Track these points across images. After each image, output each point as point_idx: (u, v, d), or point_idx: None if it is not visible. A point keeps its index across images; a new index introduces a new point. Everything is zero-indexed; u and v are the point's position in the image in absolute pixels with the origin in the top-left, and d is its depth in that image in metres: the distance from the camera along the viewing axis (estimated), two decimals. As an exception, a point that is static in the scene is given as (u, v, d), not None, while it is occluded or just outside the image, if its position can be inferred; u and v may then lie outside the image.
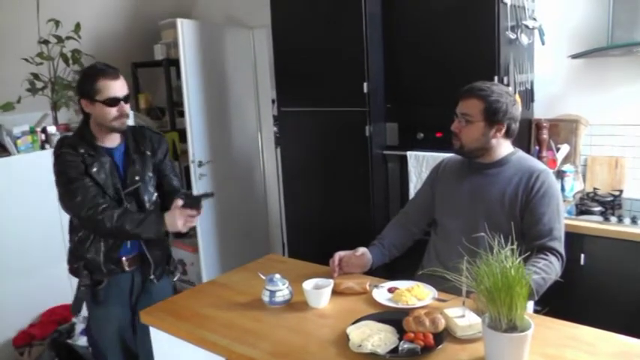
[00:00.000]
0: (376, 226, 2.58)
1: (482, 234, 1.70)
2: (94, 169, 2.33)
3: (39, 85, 3.47)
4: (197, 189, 4.23)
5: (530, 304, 2.42)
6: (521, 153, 2.36)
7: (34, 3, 3.48)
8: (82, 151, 2.33)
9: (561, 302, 2.79)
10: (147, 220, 2.31)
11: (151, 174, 2.50)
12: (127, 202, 2.40)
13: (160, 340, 2.12)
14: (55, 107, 3.57)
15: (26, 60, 3.40)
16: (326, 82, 3.49)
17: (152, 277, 2.53)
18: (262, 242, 4.95)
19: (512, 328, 1.55)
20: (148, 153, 2.51)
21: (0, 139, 3.34)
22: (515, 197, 2.24)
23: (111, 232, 2.32)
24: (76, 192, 2.30)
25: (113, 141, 2.43)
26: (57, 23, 3.48)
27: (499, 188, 2.27)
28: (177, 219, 2.29)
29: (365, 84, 3.29)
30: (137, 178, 2.44)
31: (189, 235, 4.76)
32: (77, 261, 2.45)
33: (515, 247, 1.57)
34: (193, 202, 2.30)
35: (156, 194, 2.53)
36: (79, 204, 2.29)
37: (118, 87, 2.32)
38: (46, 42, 3.48)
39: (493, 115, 2.24)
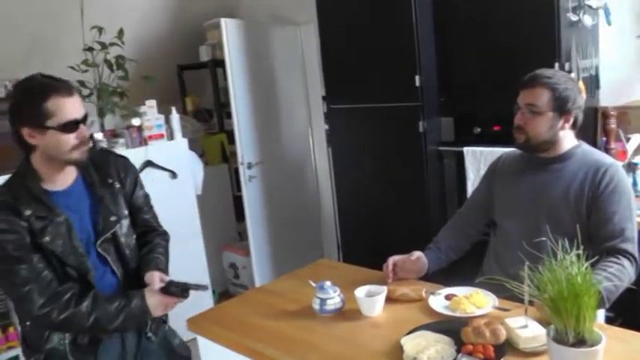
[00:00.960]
0: (432, 227, 2.51)
1: (546, 236, 1.60)
2: (47, 238, 1.84)
3: (85, 92, 3.52)
4: (247, 191, 4.23)
5: (602, 313, 2.30)
6: (585, 146, 2.25)
7: (79, 11, 3.54)
8: (26, 213, 1.81)
9: (636, 309, 2.66)
10: (126, 311, 1.88)
11: (126, 211, 2.07)
12: (105, 252, 1.99)
13: (207, 349, 2.10)
14: (101, 114, 3.63)
15: (72, 68, 3.45)
16: (376, 76, 3.44)
17: (149, 334, 2.10)
18: (316, 245, 4.92)
19: (581, 341, 1.46)
20: (117, 185, 2.06)
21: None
22: (581, 194, 2.13)
23: (81, 332, 1.92)
24: (20, 281, 1.79)
25: (66, 179, 1.95)
26: (100, 30, 3.53)
27: (563, 185, 2.17)
28: (159, 307, 1.94)
29: (417, 77, 3.22)
30: (113, 218, 2.01)
31: (242, 238, 4.78)
32: (33, 354, 1.96)
33: (581, 250, 1.48)
34: (182, 292, 1.96)
35: (134, 236, 2.11)
36: (27, 298, 1.79)
37: (76, 105, 1.84)
38: (90, 49, 3.53)
39: (563, 105, 2.14)
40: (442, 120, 3.35)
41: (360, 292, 2.04)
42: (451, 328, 1.78)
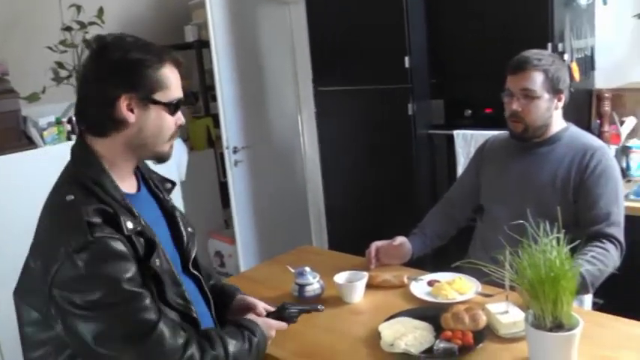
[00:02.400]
0: (422, 211, 2.53)
1: (529, 221, 1.61)
2: (157, 262, 1.44)
3: (63, 74, 3.51)
4: (232, 177, 4.23)
5: (589, 298, 2.33)
6: (574, 128, 2.27)
7: (56, -12, 3.52)
8: (129, 226, 1.38)
9: (625, 295, 2.69)
10: (255, 345, 1.55)
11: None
12: (198, 273, 1.69)
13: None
14: (80, 96, 3.61)
15: (50, 48, 3.44)
16: (365, 58, 3.45)
17: None
18: (303, 231, 4.93)
19: (558, 326, 1.48)
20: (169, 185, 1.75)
21: (26, 131, 3.40)
22: (567, 178, 2.15)
23: None
24: (148, 323, 1.35)
25: (133, 180, 1.57)
26: (78, 8, 3.51)
27: (550, 169, 2.19)
28: (271, 333, 1.67)
29: (406, 58, 3.23)
30: (191, 230, 1.71)
31: (228, 225, 4.80)
32: None
33: (562, 234, 1.50)
34: (296, 317, 1.74)
35: None
36: (160, 346, 1.35)
37: (180, 82, 1.52)
38: (68, 29, 3.51)
39: (556, 85, 2.17)
40: (432, 102, 3.37)
41: (340, 278, 2.06)
42: (431, 314, 1.80)
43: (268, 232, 4.53)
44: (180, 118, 1.52)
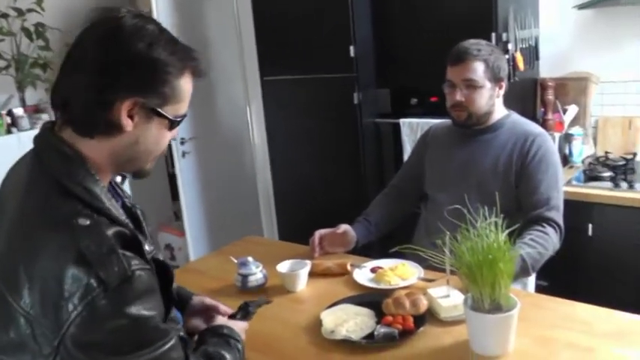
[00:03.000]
0: (370, 199, 2.54)
1: (469, 206, 1.63)
2: (174, 286, 1.40)
3: (1, 64, 3.41)
4: (181, 168, 4.18)
5: (532, 281, 2.37)
6: (515, 116, 2.31)
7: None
8: (147, 249, 1.20)
9: (567, 276, 2.76)
10: (242, 350, 1.47)
11: None
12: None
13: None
14: (20, 87, 3.51)
15: (-15, 37, 3.35)
16: (310, 47, 3.44)
17: None
18: (254, 222, 4.90)
19: (497, 308, 1.51)
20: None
21: (-37, 123, 3.30)
22: (509, 165, 2.19)
23: None
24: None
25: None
26: (15, -6, 3.42)
27: (492, 156, 2.22)
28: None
29: (352, 47, 3.22)
30: (150, 228, 1.50)
31: (178, 218, 4.74)
32: None
33: (500, 219, 1.52)
34: (248, 315, 1.70)
35: None
36: None
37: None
38: (5, 15, 3.41)
39: (496, 74, 2.20)
40: (379, 91, 3.38)
41: (283, 267, 2.05)
42: (374, 300, 1.81)
43: (218, 223, 4.50)
44: (174, 132, 1.28)
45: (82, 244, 1.05)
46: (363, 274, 2.05)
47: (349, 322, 1.69)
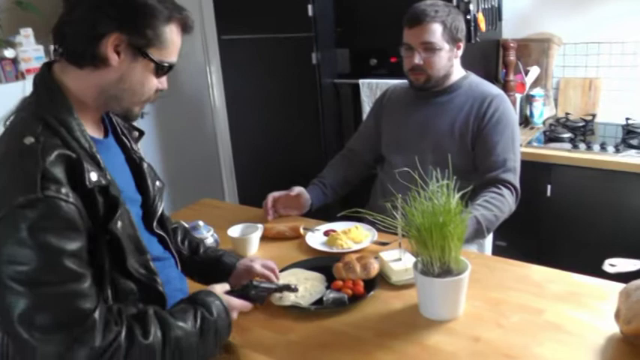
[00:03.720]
0: (327, 159, 2.51)
1: (424, 169, 1.59)
2: (119, 224, 1.28)
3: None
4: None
5: (489, 241, 2.37)
6: (473, 77, 2.28)
7: None
8: (92, 179, 1.22)
9: (526, 237, 2.78)
10: (214, 329, 1.34)
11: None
12: (164, 233, 1.56)
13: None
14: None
15: None
16: (268, 6, 3.36)
17: None
18: (215, 187, 4.85)
19: (447, 272, 1.49)
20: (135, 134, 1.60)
21: None
22: (466, 126, 2.17)
23: None
24: (84, 309, 1.16)
25: (99, 127, 1.42)
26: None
27: (449, 117, 2.20)
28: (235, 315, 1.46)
29: (309, 6, 3.14)
30: (159, 184, 1.58)
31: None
32: None
33: (453, 181, 1.49)
34: (259, 297, 1.52)
35: None
36: (86, 339, 1.14)
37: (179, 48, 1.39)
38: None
39: (454, 35, 2.16)
40: (338, 52, 3.30)
41: (234, 231, 2.02)
42: (325, 264, 1.78)
43: (179, 186, 4.43)
44: (163, 82, 1.37)
45: (16, 166, 1.16)
46: (316, 237, 2.03)
47: (299, 286, 1.65)
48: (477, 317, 1.51)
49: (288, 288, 1.58)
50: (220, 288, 1.45)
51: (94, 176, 1.22)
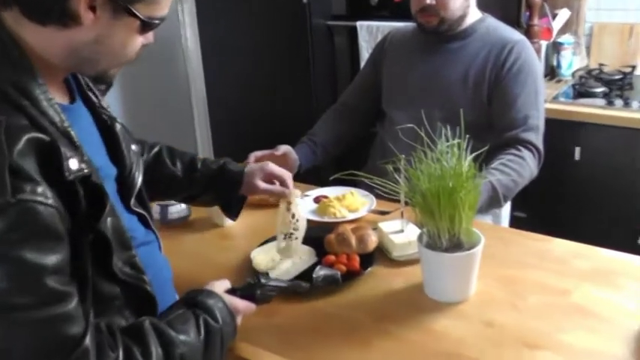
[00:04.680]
0: (319, 115, 2.51)
1: (436, 126, 1.58)
2: (108, 222, 1.18)
3: None
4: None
5: (506, 212, 2.38)
6: (491, 20, 2.28)
7: None
8: (72, 167, 1.09)
9: (549, 207, 2.79)
10: (220, 335, 1.29)
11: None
12: (143, 209, 1.46)
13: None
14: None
15: None
16: None
17: None
18: (188, 141, 4.84)
19: (456, 246, 1.49)
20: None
21: None
22: (481, 76, 2.17)
23: None
24: (72, 337, 1.05)
25: (63, 89, 1.29)
26: None
27: (461, 66, 2.20)
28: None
29: None
30: (135, 148, 1.48)
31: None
32: None
33: (466, 140, 1.48)
34: (265, 297, 1.44)
35: None
36: None
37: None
38: None
39: None
40: (332, -12, 3.31)
41: (209, 197, 2.01)
42: (316, 236, 1.78)
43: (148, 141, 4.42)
44: (149, 37, 1.24)
45: None
46: (305, 204, 2.03)
47: (285, 262, 1.67)
48: (490, 298, 1.52)
49: (299, 286, 1.53)
50: (221, 286, 1.39)
51: (73, 164, 1.09)
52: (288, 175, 1.69)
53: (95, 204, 1.14)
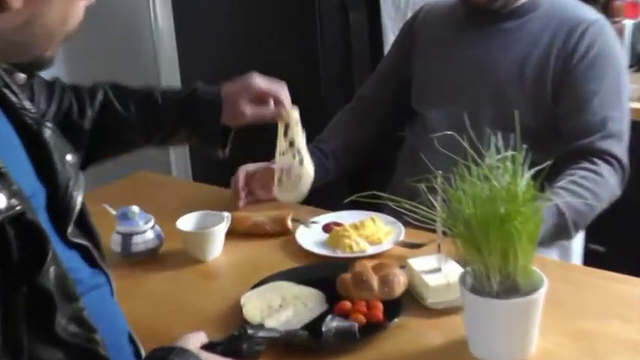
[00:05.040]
0: (330, 114, 2.53)
1: (483, 132, 1.59)
2: (50, 273, 1.16)
3: None
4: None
5: (578, 245, 2.39)
6: (559, -7, 2.29)
7: None
8: (1, 204, 1.07)
9: (635, 238, 2.79)
10: None
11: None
12: (83, 239, 1.44)
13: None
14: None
15: None
16: None
17: None
18: (160, 156, 4.88)
19: (511, 289, 1.50)
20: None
21: None
22: (544, 67, 2.18)
23: None
24: None
25: None
26: None
27: (518, 53, 2.22)
28: None
29: None
30: (71, 159, 1.45)
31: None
32: None
33: (524, 151, 1.49)
34: (253, 351, 1.43)
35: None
36: None
37: None
38: None
39: None
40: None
41: (187, 222, 2.04)
42: (325, 276, 1.80)
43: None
44: (91, 1, 1.26)
45: None
46: (312, 233, 2.06)
47: (286, 310, 1.69)
48: (556, 359, 1.53)
49: (296, 335, 1.55)
50: (196, 341, 1.39)
51: (1, 201, 1.06)
52: (281, 89, 1.68)
53: (29, 248, 1.11)
